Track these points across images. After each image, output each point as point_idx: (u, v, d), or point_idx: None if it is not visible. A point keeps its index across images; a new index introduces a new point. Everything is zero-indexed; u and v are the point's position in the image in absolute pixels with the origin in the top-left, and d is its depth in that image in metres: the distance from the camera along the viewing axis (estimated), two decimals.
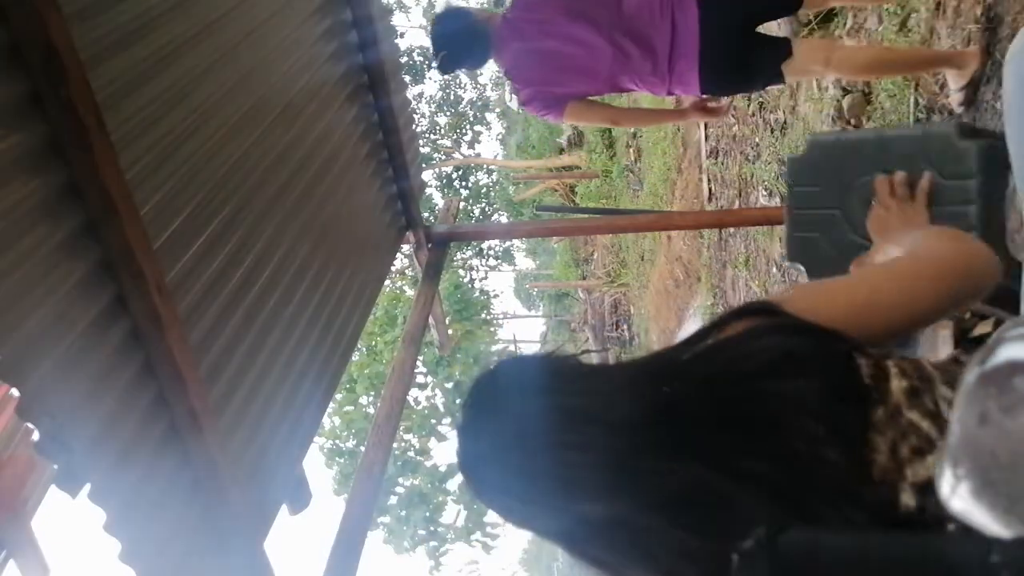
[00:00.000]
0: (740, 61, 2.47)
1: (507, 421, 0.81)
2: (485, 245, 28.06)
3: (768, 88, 3.01)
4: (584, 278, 19.39)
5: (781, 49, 2.45)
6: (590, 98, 2.75)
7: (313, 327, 2.46)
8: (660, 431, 0.74)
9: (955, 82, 2.57)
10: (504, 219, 26.50)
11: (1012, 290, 1.29)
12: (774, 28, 3.64)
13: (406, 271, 16.22)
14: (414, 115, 3.65)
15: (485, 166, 29.08)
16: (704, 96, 2.65)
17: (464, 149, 31.45)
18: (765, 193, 5.05)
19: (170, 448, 1.76)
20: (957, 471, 0.38)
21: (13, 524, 2.22)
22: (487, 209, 29.20)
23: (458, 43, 2.66)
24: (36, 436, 1.40)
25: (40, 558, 2.27)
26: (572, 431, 0.77)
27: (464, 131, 31.47)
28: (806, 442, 0.69)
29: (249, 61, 2.18)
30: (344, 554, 2.32)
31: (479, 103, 32.14)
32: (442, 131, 31.01)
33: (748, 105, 5.27)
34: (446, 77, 31.20)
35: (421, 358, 14.25)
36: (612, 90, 2.69)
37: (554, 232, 5.23)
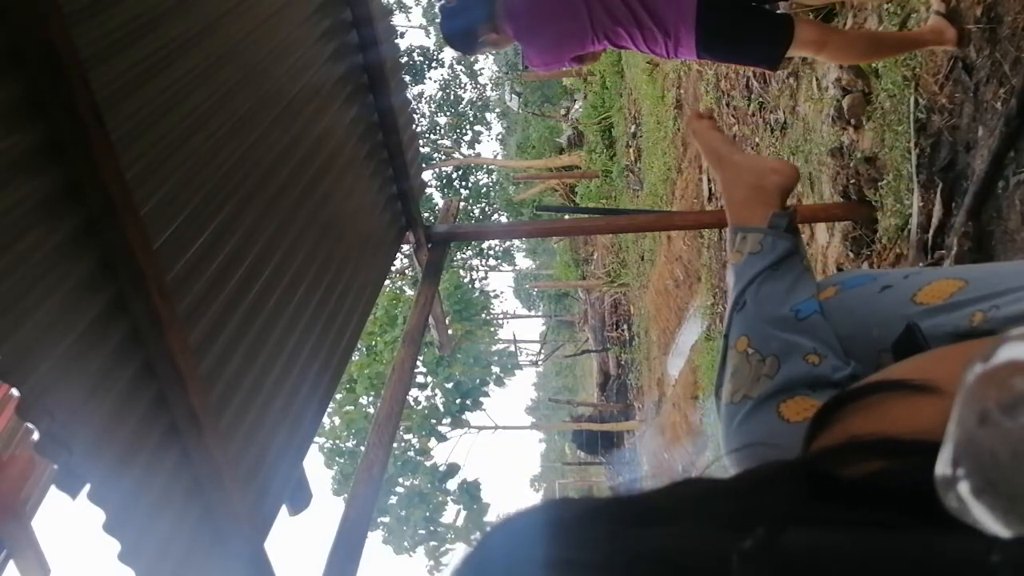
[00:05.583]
0: (736, 32, 2.58)
1: None
2: (485, 245, 28.07)
3: (762, 67, 3.08)
4: (584, 278, 19.40)
5: (781, 27, 2.53)
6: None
7: (313, 327, 2.46)
8: None
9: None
10: (504, 219, 26.52)
11: None
12: None
13: (406, 271, 16.24)
14: (414, 115, 3.65)
15: (485, 166, 29.09)
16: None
17: (464, 149, 31.48)
18: None
19: (170, 448, 1.76)
20: (957, 471, 0.38)
21: (13, 524, 2.22)
22: (487, 209, 29.21)
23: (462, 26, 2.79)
24: (36, 436, 1.40)
25: (40, 558, 2.28)
26: None
27: (464, 131, 31.50)
28: None
29: (249, 61, 2.18)
30: (344, 554, 2.32)
31: (479, 103, 32.17)
32: (442, 131, 31.05)
33: (748, 105, 5.26)
34: (446, 76, 31.39)
35: (421, 358, 14.26)
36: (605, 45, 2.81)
37: (554, 232, 5.22)
